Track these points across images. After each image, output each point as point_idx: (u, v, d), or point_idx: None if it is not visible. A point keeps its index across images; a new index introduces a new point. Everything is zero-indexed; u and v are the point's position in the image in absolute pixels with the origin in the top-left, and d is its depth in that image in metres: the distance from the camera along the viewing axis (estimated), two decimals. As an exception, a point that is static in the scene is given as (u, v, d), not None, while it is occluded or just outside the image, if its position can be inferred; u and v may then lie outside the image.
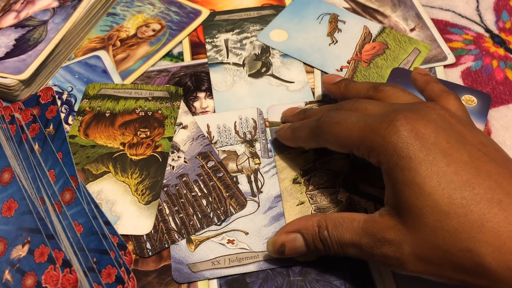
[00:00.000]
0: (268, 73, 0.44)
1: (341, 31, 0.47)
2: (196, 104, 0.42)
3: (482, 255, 0.23)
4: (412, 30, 0.47)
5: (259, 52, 0.45)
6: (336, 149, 0.31)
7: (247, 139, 0.39)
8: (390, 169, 0.26)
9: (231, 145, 0.39)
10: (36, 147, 0.34)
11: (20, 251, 0.29)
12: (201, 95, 0.42)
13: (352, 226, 0.27)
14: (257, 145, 0.38)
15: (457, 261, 0.24)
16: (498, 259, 0.23)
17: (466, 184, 0.24)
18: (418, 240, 0.25)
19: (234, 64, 0.45)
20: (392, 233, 0.26)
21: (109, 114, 0.40)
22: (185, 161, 0.38)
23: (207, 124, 0.40)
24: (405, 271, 0.26)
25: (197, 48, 0.46)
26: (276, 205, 0.35)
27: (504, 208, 0.23)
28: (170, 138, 0.39)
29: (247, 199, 0.36)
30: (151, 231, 0.34)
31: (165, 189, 0.36)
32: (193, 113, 0.41)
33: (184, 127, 0.40)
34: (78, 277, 0.28)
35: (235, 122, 0.40)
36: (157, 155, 0.38)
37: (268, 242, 0.31)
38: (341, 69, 0.44)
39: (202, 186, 0.36)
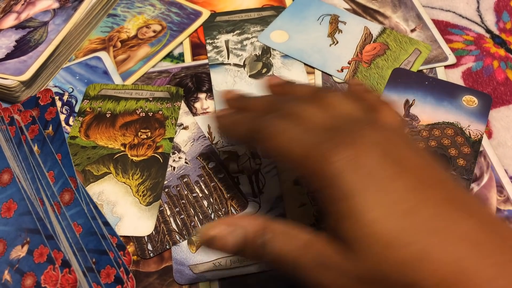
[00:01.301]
0: (269, 74, 0.44)
1: (341, 32, 0.47)
2: (197, 105, 0.42)
3: None
4: (412, 30, 0.47)
5: (260, 53, 0.45)
6: (275, 159, 0.29)
7: (248, 140, 0.39)
8: (328, 198, 0.25)
9: (232, 145, 0.39)
10: (35, 148, 0.34)
11: (19, 252, 0.29)
12: (202, 96, 0.42)
13: (298, 238, 0.25)
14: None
15: None
16: None
17: (406, 214, 0.23)
18: (362, 273, 0.23)
19: (235, 65, 0.45)
20: (337, 258, 0.24)
21: (109, 115, 0.40)
22: (186, 162, 0.38)
23: (208, 125, 0.40)
24: None
25: (197, 49, 0.46)
26: (277, 206, 0.35)
27: (443, 238, 0.23)
28: (171, 139, 0.39)
29: (248, 199, 0.36)
30: (152, 232, 0.34)
31: (166, 190, 0.36)
32: (194, 114, 0.41)
33: (185, 128, 0.40)
34: (77, 277, 0.28)
35: (236, 123, 0.40)
36: (158, 156, 0.38)
37: (202, 226, 0.28)
38: (342, 70, 0.44)
39: (203, 187, 0.36)
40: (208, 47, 0.46)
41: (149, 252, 0.33)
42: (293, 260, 0.25)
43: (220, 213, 0.35)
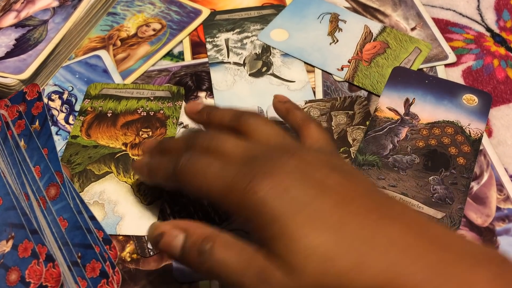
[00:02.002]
0: (269, 73, 0.44)
1: (341, 31, 0.47)
2: (197, 103, 0.42)
3: None
4: (413, 29, 0.47)
5: (260, 52, 0.45)
6: (200, 198, 0.29)
7: (248, 138, 0.39)
8: (256, 226, 0.25)
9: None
10: (21, 143, 0.34)
11: (4, 247, 0.29)
12: (202, 94, 0.42)
13: (242, 253, 0.25)
14: (258, 145, 0.38)
15: None
16: None
17: (334, 227, 0.24)
18: (304, 286, 0.24)
19: (235, 63, 0.45)
20: (278, 275, 0.24)
21: (111, 114, 0.40)
22: (186, 161, 0.38)
23: (208, 124, 0.40)
24: None
25: (197, 47, 0.46)
26: (277, 205, 0.35)
27: (373, 246, 0.23)
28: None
29: (249, 198, 0.36)
30: (153, 231, 0.34)
31: (166, 188, 0.36)
32: (194, 113, 0.41)
33: (185, 127, 0.40)
34: (62, 271, 0.28)
35: (236, 121, 0.40)
36: (158, 155, 0.38)
37: (152, 224, 0.28)
38: (342, 68, 0.44)
39: (203, 185, 0.36)
40: (208, 46, 0.46)
41: (149, 250, 0.33)
42: (235, 273, 0.25)
43: (220, 211, 0.35)
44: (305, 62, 0.44)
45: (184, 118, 0.40)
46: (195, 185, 0.28)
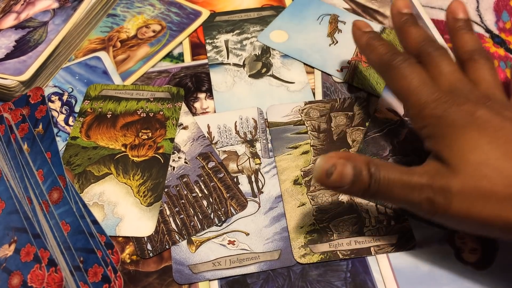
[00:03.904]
0: (269, 74, 0.44)
1: (341, 32, 0.47)
2: (197, 104, 0.42)
3: None
4: (412, 30, 0.47)
5: (259, 53, 0.46)
6: (391, 92, 0.33)
7: (248, 139, 0.39)
8: (440, 129, 0.28)
9: (232, 145, 0.39)
10: (25, 147, 0.34)
11: (6, 251, 0.29)
12: (202, 95, 0.42)
13: (399, 168, 0.29)
14: (258, 145, 0.39)
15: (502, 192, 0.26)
16: None
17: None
18: (464, 177, 0.27)
19: (235, 64, 0.45)
20: (440, 173, 0.27)
21: (110, 115, 0.40)
22: (185, 162, 0.38)
23: (208, 125, 0.40)
24: (449, 212, 0.27)
25: (197, 49, 0.46)
26: (276, 206, 0.35)
27: None
28: (172, 140, 0.39)
29: (248, 199, 0.36)
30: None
31: (165, 190, 0.36)
32: (194, 114, 0.41)
33: (185, 128, 0.40)
34: (64, 276, 0.28)
35: (236, 122, 0.40)
36: (159, 157, 0.38)
37: (317, 163, 0.28)
38: (342, 70, 0.44)
39: (202, 186, 0.36)
40: (208, 47, 0.46)
41: (149, 252, 0.33)
42: (403, 184, 0.28)
43: (219, 213, 0.35)
44: (304, 63, 0.44)
45: (183, 119, 0.40)
46: (398, 84, 0.31)
